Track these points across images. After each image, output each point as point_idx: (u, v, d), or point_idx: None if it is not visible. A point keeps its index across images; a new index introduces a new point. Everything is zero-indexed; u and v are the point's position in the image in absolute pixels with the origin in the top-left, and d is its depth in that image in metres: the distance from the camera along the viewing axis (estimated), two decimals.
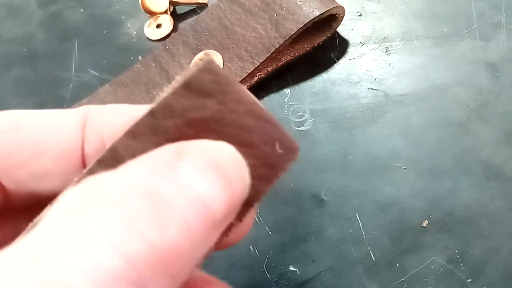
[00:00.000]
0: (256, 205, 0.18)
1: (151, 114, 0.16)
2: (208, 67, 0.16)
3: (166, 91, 0.16)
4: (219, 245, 0.17)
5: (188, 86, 0.16)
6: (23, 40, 0.34)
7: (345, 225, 0.25)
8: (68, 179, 0.17)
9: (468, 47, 0.28)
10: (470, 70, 0.27)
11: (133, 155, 0.15)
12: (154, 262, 0.11)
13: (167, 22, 0.32)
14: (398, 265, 0.23)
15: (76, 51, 0.33)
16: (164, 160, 0.12)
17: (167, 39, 0.31)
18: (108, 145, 0.16)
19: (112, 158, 0.16)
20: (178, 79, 0.16)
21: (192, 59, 0.29)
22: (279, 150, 0.17)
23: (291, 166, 0.18)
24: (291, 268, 0.24)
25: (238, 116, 0.17)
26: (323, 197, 0.25)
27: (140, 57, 0.31)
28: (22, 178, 0.17)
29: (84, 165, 0.17)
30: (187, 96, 0.16)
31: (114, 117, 0.17)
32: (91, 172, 0.16)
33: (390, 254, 0.24)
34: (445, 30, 0.28)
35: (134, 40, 0.33)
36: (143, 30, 0.33)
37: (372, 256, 0.24)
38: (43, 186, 0.17)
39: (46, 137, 0.16)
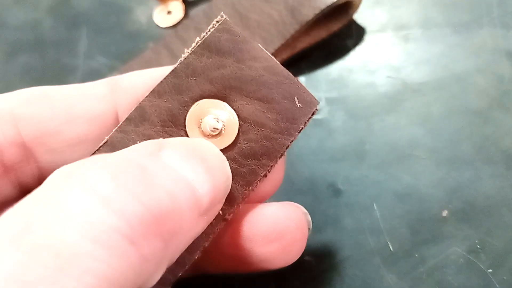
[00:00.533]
0: (282, 157, 0.18)
1: (174, 73, 0.16)
2: (225, 27, 0.17)
3: (187, 52, 0.16)
4: (253, 198, 0.18)
5: (207, 46, 0.16)
6: (30, 27, 0.33)
7: (362, 215, 0.24)
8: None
9: (488, 35, 0.27)
10: (490, 58, 0.26)
11: (159, 113, 0.16)
12: (145, 217, 0.11)
13: (178, 9, 0.31)
14: (417, 255, 0.23)
15: (85, 38, 0.32)
16: (148, 149, 0.13)
17: (179, 26, 0.30)
18: None
19: (140, 116, 0.16)
20: (198, 41, 0.17)
21: None
22: (299, 104, 0.18)
23: (310, 121, 0.18)
24: (307, 258, 0.23)
25: (256, 72, 0.17)
26: (340, 186, 0.25)
27: (150, 44, 0.31)
28: (56, 146, 0.16)
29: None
30: (207, 55, 0.16)
31: (143, 79, 0.17)
32: (121, 130, 0.16)
33: (408, 244, 0.23)
34: (464, 18, 0.28)
35: (144, 27, 0.32)
36: (152, 18, 0.32)
37: (390, 246, 0.23)
38: (77, 153, 0.17)
39: (78, 103, 0.16)
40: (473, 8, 0.28)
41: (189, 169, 0.13)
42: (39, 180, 0.17)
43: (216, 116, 0.16)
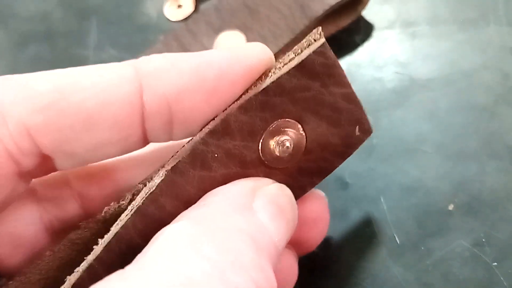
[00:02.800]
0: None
1: (265, 92, 0.16)
2: (322, 50, 0.16)
3: (279, 69, 0.16)
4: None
5: (302, 68, 0.16)
6: (40, 18, 0.34)
7: (369, 207, 0.24)
8: (127, 146, 0.16)
9: (494, 32, 0.27)
10: (496, 55, 0.27)
11: (241, 127, 0.16)
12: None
13: (188, 3, 0.32)
14: (423, 248, 0.23)
15: (95, 30, 0.33)
16: (242, 200, 0.15)
17: (189, 19, 0.31)
18: (178, 104, 0.15)
19: (223, 130, 0.16)
20: (291, 57, 0.16)
21: (214, 40, 0.29)
22: (358, 133, 0.19)
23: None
24: (314, 250, 0.24)
25: (334, 98, 0.17)
26: (347, 179, 0.25)
27: (160, 37, 0.31)
28: (76, 151, 0.15)
29: (143, 131, 0.16)
30: (298, 77, 0.16)
31: (172, 76, 0.15)
32: (203, 142, 0.15)
33: (415, 237, 0.23)
34: (471, 15, 0.28)
35: (154, 20, 0.32)
36: (162, 11, 0.32)
37: (397, 238, 0.23)
38: (98, 155, 0.16)
39: (100, 106, 0.14)
40: (480, 5, 0.28)
41: (275, 229, 0.15)
42: (51, 172, 0.17)
43: (289, 138, 0.17)
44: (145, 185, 0.16)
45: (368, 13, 0.29)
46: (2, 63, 0.32)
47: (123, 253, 0.15)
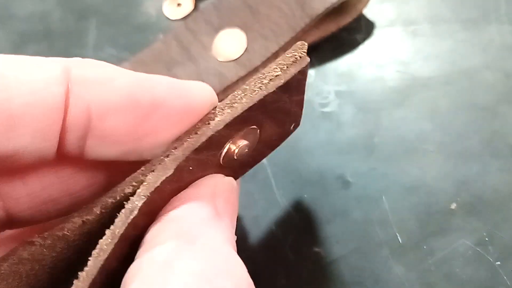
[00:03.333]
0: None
1: (250, 109, 0.16)
2: (305, 70, 0.17)
3: (260, 84, 0.16)
4: None
5: (285, 86, 0.16)
6: (39, 18, 0.33)
7: (371, 207, 0.24)
8: (42, 155, 0.14)
9: (496, 32, 0.27)
10: (498, 54, 0.27)
11: (222, 143, 0.16)
12: None
13: (187, 2, 0.32)
14: (425, 247, 0.23)
15: (94, 30, 0.32)
16: (208, 213, 0.15)
17: (189, 18, 0.30)
18: (100, 121, 0.14)
19: (206, 146, 0.15)
20: (277, 73, 0.16)
21: (214, 38, 0.29)
22: (292, 129, 0.20)
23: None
24: (315, 249, 0.24)
25: (291, 105, 0.18)
26: (349, 178, 0.25)
27: (160, 36, 0.31)
28: None
29: (62, 138, 0.14)
30: (277, 93, 0.16)
31: (104, 90, 0.14)
32: (186, 159, 0.15)
33: (417, 237, 0.23)
34: (472, 14, 0.28)
35: (153, 19, 0.32)
36: (162, 10, 0.32)
37: (399, 238, 0.23)
38: (9, 162, 0.14)
39: (24, 107, 0.13)
40: (481, 4, 0.28)
41: (232, 222, 0.16)
42: None
43: (249, 143, 0.17)
44: (115, 199, 0.15)
45: (369, 11, 0.29)
46: None
47: (103, 282, 0.14)
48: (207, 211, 0.15)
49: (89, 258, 0.13)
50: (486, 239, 0.23)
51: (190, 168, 0.16)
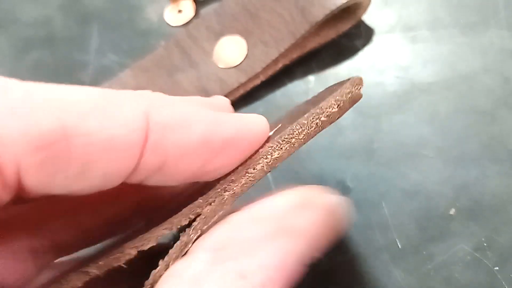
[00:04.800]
0: None
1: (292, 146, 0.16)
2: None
3: (317, 120, 0.16)
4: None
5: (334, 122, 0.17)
6: (42, 23, 0.34)
7: (371, 212, 0.24)
8: (103, 189, 0.14)
9: (495, 36, 0.27)
10: (497, 59, 0.27)
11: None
12: None
13: (188, 8, 0.32)
14: (424, 252, 0.23)
15: (96, 35, 0.33)
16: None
17: (190, 24, 0.31)
18: (172, 164, 0.14)
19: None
20: (333, 110, 0.17)
21: (215, 45, 0.29)
22: None
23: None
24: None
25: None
26: (349, 183, 0.25)
27: (161, 42, 0.31)
28: (55, 191, 0.13)
29: (134, 182, 0.14)
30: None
31: (181, 136, 0.14)
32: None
33: (416, 241, 0.23)
34: (471, 19, 0.28)
35: (155, 26, 0.32)
36: (163, 16, 0.32)
37: (398, 243, 0.23)
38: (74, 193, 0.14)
39: (101, 153, 0.13)
40: (480, 9, 0.28)
41: None
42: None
43: None
44: (170, 230, 0.15)
45: (369, 17, 0.29)
46: (3, 69, 0.32)
47: None
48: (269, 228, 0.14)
49: None
50: (485, 244, 0.23)
51: None
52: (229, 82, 0.28)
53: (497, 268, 0.22)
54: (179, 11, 0.32)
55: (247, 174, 0.15)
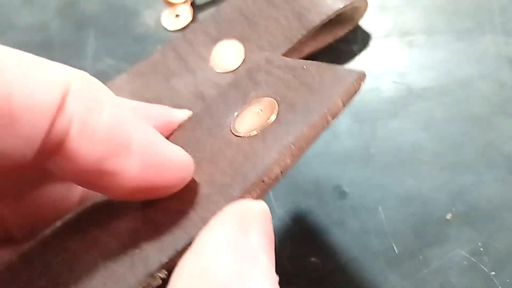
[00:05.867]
0: None
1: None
2: None
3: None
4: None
5: None
6: (38, 28, 0.34)
7: (367, 217, 0.24)
8: (22, 159, 0.14)
9: (490, 42, 0.28)
10: (492, 65, 0.27)
11: None
12: None
13: (186, 13, 0.32)
14: (421, 257, 0.23)
15: (93, 40, 0.33)
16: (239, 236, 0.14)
17: (187, 29, 0.31)
18: (74, 141, 0.14)
19: None
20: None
21: (212, 49, 0.29)
22: None
23: None
24: (312, 259, 0.24)
25: None
26: (345, 189, 0.25)
27: (158, 47, 0.31)
28: None
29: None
30: None
31: (89, 118, 0.14)
32: None
33: (412, 247, 0.23)
34: (467, 25, 0.28)
35: (152, 30, 0.32)
36: (160, 21, 0.32)
37: (395, 248, 0.24)
38: None
39: (23, 108, 0.13)
40: (476, 15, 0.29)
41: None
42: None
43: None
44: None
45: (365, 22, 0.29)
46: None
47: None
48: (232, 254, 0.13)
49: None
50: (481, 249, 0.23)
51: None
52: None
53: (494, 273, 0.22)
54: (176, 15, 0.32)
55: (262, 183, 0.15)
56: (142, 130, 0.15)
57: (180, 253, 0.14)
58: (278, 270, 0.23)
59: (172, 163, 0.15)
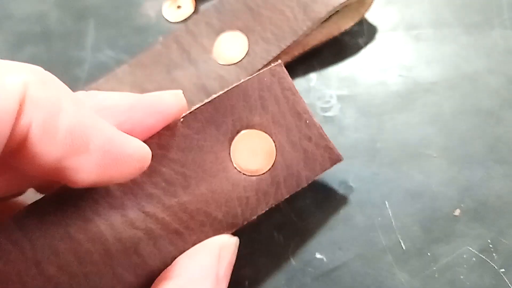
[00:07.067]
0: None
1: None
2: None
3: None
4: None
5: None
6: (37, 18, 0.33)
7: (374, 212, 0.24)
8: None
9: (499, 36, 0.27)
10: (501, 59, 0.27)
11: None
12: None
13: (188, 4, 0.31)
14: (429, 254, 0.23)
15: (93, 31, 0.32)
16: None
17: (189, 20, 0.30)
18: (33, 143, 0.14)
19: None
20: None
21: (215, 41, 0.29)
22: None
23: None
24: (318, 256, 0.23)
25: None
26: (351, 184, 0.25)
27: (160, 38, 0.31)
28: None
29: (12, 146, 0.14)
30: None
31: (48, 121, 0.14)
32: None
33: (420, 243, 0.23)
34: (475, 18, 0.28)
35: (153, 22, 0.32)
36: (161, 12, 0.32)
37: (402, 244, 0.23)
38: None
39: None
40: (484, 9, 0.28)
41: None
42: None
43: None
44: None
45: (372, 15, 0.29)
46: None
47: None
48: (210, 283, 0.18)
49: None
50: (490, 245, 0.22)
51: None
52: (229, 79, 0.27)
53: (503, 270, 0.22)
54: (178, 6, 0.31)
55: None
56: (101, 129, 0.15)
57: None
58: (282, 266, 0.23)
59: (130, 157, 0.16)
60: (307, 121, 0.21)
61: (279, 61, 0.22)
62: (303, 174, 0.21)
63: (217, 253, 0.19)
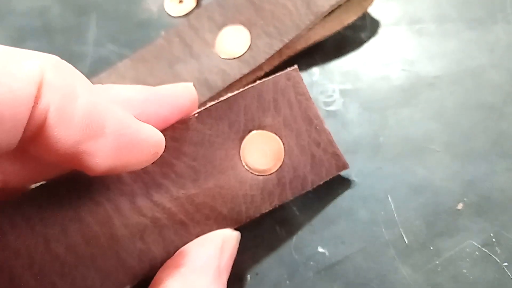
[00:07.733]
0: None
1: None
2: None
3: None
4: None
5: None
6: (38, 13, 0.33)
7: (377, 207, 0.24)
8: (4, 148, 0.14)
9: (502, 32, 0.27)
10: (504, 54, 0.26)
11: None
12: None
13: None
14: (432, 248, 0.23)
15: (94, 26, 0.32)
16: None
17: (191, 15, 0.30)
18: (51, 129, 0.14)
19: None
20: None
21: (217, 35, 0.29)
22: None
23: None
24: (320, 250, 0.23)
25: None
26: (354, 178, 0.25)
27: (162, 33, 0.31)
28: None
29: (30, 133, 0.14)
30: None
31: (65, 106, 0.14)
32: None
33: (423, 237, 0.23)
34: (478, 13, 0.28)
35: (155, 16, 0.32)
36: (163, 6, 0.32)
37: (405, 238, 0.23)
38: None
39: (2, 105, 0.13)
40: (487, 4, 0.28)
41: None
42: None
43: None
44: None
45: (374, 9, 0.29)
46: None
47: None
48: (212, 274, 0.18)
49: None
50: (493, 239, 0.22)
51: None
52: (232, 74, 0.27)
53: (506, 264, 0.22)
54: (180, 1, 0.31)
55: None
56: (115, 113, 0.16)
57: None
58: (285, 261, 0.23)
59: (145, 142, 0.16)
60: (317, 127, 0.22)
61: (295, 66, 0.22)
62: (309, 177, 0.22)
63: (220, 245, 0.19)
